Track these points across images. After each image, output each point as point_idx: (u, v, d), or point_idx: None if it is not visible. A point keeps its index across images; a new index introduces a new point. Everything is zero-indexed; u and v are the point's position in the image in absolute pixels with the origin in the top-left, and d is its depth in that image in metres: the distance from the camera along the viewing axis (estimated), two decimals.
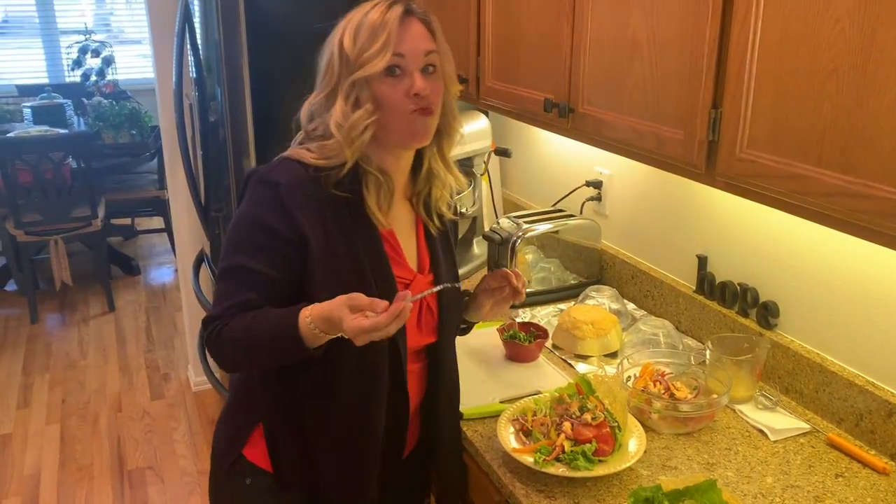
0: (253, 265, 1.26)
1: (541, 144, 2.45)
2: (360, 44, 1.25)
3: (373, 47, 1.24)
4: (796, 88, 1.11)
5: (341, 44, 1.27)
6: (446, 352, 1.46)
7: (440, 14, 2.21)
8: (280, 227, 1.25)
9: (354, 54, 1.25)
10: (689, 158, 1.33)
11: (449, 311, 1.43)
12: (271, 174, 1.28)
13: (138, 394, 3.63)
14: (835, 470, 1.39)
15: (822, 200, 1.10)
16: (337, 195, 1.28)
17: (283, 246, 1.26)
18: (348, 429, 1.35)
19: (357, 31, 1.26)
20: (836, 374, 1.50)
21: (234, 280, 1.28)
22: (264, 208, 1.27)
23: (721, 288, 1.78)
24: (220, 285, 1.30)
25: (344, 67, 1.27)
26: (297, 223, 1.25)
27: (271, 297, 1.27)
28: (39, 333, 4.23)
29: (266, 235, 1.26)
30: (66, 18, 6.09)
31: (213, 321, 1.28)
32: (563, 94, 1.65)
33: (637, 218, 2.07)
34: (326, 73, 1.30)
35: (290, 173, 1.28)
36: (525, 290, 1.46)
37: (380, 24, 1.25)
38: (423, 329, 1.40)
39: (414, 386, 1.41)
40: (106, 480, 3.01)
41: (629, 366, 1.62)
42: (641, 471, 1.39)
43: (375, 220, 1.31)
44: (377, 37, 1.25)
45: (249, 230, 1.28)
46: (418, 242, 1.43)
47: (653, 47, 1.38)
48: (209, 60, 2.61)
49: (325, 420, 1.35)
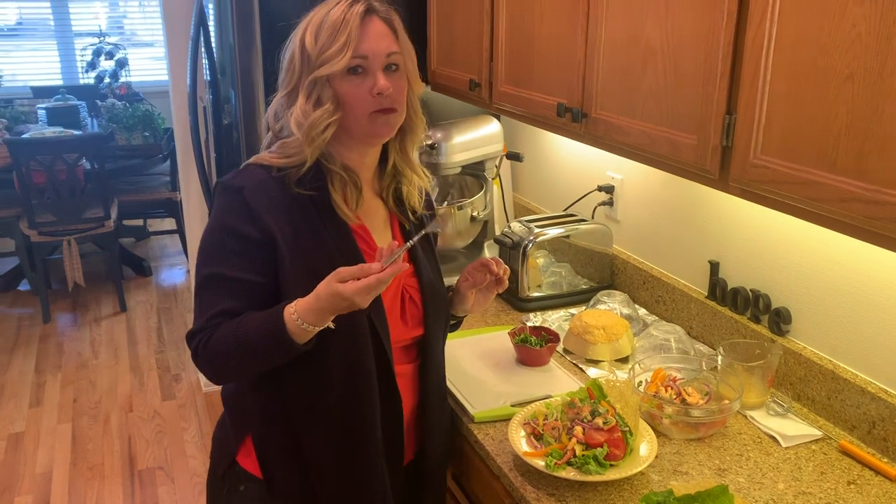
0: (228, 272, 1.26)
1: (552, 149, 2.46)
2: (322, 42, 1.25)
3: (333, 46, 1.25)
4: (811, 94, 1.11)
5: (303, 42, 1.27)
6: (435, 348, 1.45)
7: (452, 19, 2.23)
8: (248, 231, 1.25)
9: (315, 52, 1.26)
10: (702, 164, 1.33)
11: (433, 301, 1.42)
12: (235, 180, 1.29)
13: (149, 394, 3.65)
14: (847, 477, 1.39)
15: (836, 207, 1.09)
16: (302, 194, 1.28)
17: (255, 249, 1.26)
18: (343, 436, 1.33)
19: (318, 29, 1.27)
20: (848, 381, 1.50)
21: (211, 290, 1.28)
22: (231, 214, 1.27)
23: (733, 294, 1.78)
24: (199, 297, 1.29)
25: (305, 65, 1.27)
26: (264, 224, 1.25)
27: (251, 302, 1.26)
28: (52, 333, 4.26)
29: (236, 241, 1.26)
30: (80, 21, 6.14)
31: (196, 334, 1.27)
32: (577, 99, 1.65)
33: (649, 223, 2.07)
34: (288, 72, 1.31)
35: (254, 177, 1.29)
36: (507, 276, 1.47)
37: (341, 22, 1.25)
38: (409, 322, 1.39)
39: (406, 388, 1.40)
40: (117, 480, 3.03)
41: (640, 371, 1.62)
42: (652, 476, 1.39)
43: (343, 215, 1.31)
44: (338, 35, 1.25)
45: (220, 238, 1.28)
46: (394, 236, 1.43)
47: (667, 52, 1.38)
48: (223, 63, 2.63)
49: (318, 427, 1.33)
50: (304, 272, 1.26)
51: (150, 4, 6.36)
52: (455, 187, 2.42)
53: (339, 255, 1.29)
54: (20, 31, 6.09)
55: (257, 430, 1.36)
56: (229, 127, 2.63)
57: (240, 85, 2.33)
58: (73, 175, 4.19)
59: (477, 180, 2.34)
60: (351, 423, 1.33)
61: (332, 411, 1.32)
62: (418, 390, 1.44)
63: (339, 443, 1.33)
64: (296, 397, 1.32)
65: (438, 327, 1.46)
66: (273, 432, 1.35)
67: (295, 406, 1.33)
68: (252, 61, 2.31)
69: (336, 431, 1.33)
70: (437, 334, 1.45)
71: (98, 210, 4.32)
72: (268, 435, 1.36)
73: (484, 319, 2.03)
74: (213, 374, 1.32)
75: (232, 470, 1.40)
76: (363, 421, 1.33)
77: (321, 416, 1.32)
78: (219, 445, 1.45)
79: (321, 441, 1.33)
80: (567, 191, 2.36)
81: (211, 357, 1.26)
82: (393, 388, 1.36)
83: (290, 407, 1.33)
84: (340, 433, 1.33)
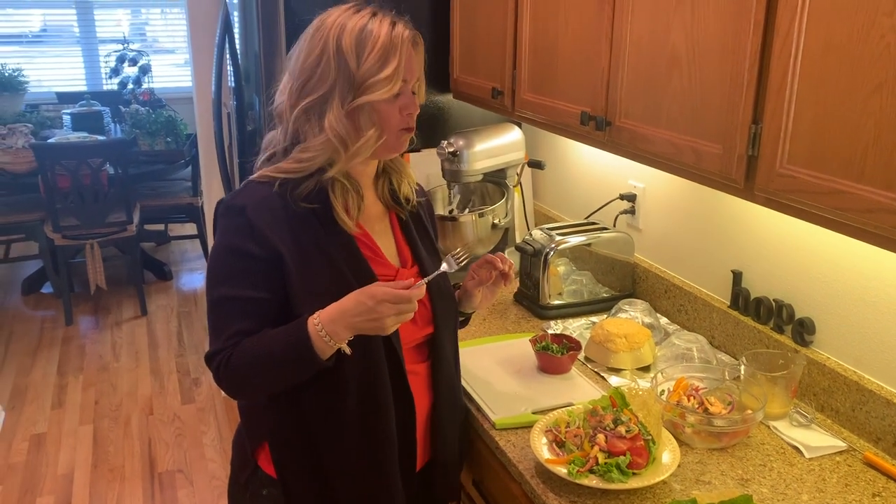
0: (237, 293, 1.27)
1: (574, 157, 2.46)
2: (369, 64, 1.25)
3: (383, 72, 1.25)
4: (839, 104, 1.10)
5: (339, 49, 1.26)
6: (445, 344, 1.46)
7: (475, 27, 2.24)
8: (253, 249, 1.26)
9: (361, 73, 1.25)
10: (727, 173, 1.33)
11: (441, 299, 1.44)
12: (236, 199, 1.30)
13: (169, 397, 3.68)
14: (872, 490, 1.38)
15: (864, 217, 1.09)
16: (304, 208, 1.29)
17: (262, 266, 1.26)
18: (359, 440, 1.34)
19: (360, 43, 1.26)
20: (873, 392, 1.49)
21: (224, 311, 1.29)
22: (235, 235, 1.28)
23: (756, 304, 1.77)
24: (212, 319, 1.31)
25: (343, 77, 1.26)
26: (268, 241, 1.26)
27: (265, 319, 1.28)
28: (74, 335, 4.31)
29: (242, 261, 1.27)
30: (103, 28, 6.23)
31: (216, 355, 1.28)
32: (601, 108, 1.66)
33: (671, 232, 2.07)
34: (317, 75, 1.27)
35: (255, 195, 1.29)
36: (513, 272, 1.50)
37: (389, 45, 1.26)
38: (419, 321, 1.40)
39: (419, 387, 1.41)
40: (137, 482, 3.05)
41: (663, 380, 1.62)
42: (675, 485, 1.39)
43: (344, 226, 1.32)
44: (388, 61, 1.25)
45: (225, 259, 1.29)
46: (395, 237, 1.44)
47: (692, 61, 1.38)
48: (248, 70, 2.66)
49: (334, 433, 1.34)
50: (312, 285, 1.28)
51: (172, 11, 6.44)
52: (477, 195, 2.43)
53: (345, 266, 1.31)
54: (45, 38, 6.18)
55: (273, 438, 1.37)
56: (253, 133, 2.66)
57: (264, 92, 2.35)
58: (97, 180, 4.24)
59: (498, 188, 2.35)
60: (367, 426, 1.34)
61: (348, 416, 1.33)
62: (431, 389, 1.45)
63: (356, 447, 1.34)
64: (311, 403, 1.33)
65: (447, 324, 1.47)
66: (289, 439, 1.36)
67: (310, 412, 1.34)
68: (277, 68, 2.33)
69: (352, 436, 1.34)
70: (446, 331, 1.46)
71: (121, 214, 4.37)
72: (284, 442, 1.36)
73: (505, 327, 2.04)
74: (235, 391, 1.34)
75: (255, 476, 1.41)
76: (378, 424, 1.34)
77: (337, 421, 1.33)
78: (239, 451, 1.46)
79: (338, 446, 1.34)
80: (588, 199, 2.36)
81: (233, 374, 1.28)
82: (406, 390, 1.37)
83: (305, 413, 1.34)
84: (357, 437, 1.34)
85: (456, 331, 1.53)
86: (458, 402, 1.55)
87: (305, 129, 1.31)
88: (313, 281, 1.28)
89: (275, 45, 2.31)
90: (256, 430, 1.40)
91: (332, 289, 1.26)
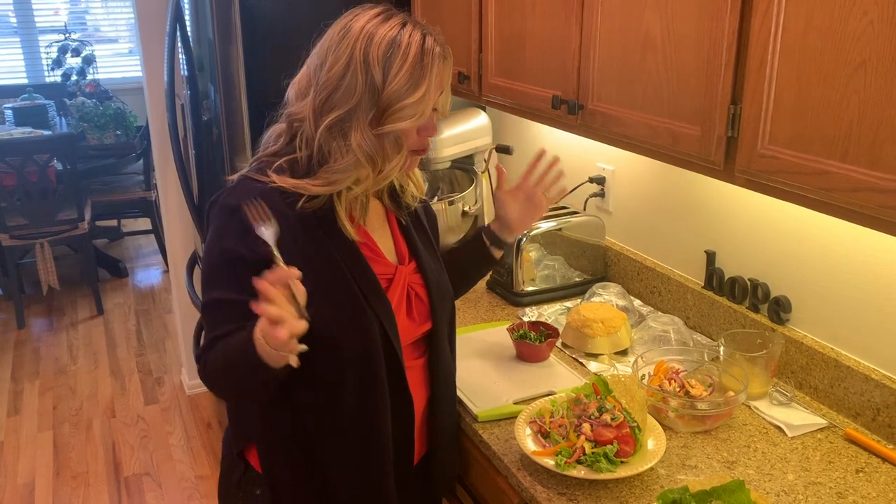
0: (229, 296, 1.23)
1: (542, 140, 2.43)
2: (398, 84, 1.18)
3: (412, 96, 1.19)
4: (821, 83, 1.09)
5: (367, 61, 1.18)
6: (443, 340, 1.43)
7: (439, 9, 2.18)
8: (244, 252, 1.21)
9: (388, 93, 1.19)
10: (706, 155, 1.31)
11: (439, 294, 1.41)
12: (230, 198, 1.24)
13: (131, 398, 3.58)
14: (855, 465, 1.38)
15: (849, 196, 1.08)
16: (306, 208, 1.24)
17: (252, 269, 1.18)
18: (355, 437, 1.31)
19: (389, 59, 1.18)
20: (851, 368, 1.50)
21: (212, 315, 1.26)
22: (227, 237, 1.23)
23: (731, 283, 1.77)
24: (204, 320, 1.29)
25: (370, 94, 1.19)
26: (260, 243, 1.19)
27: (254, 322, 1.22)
28: (27, 339, 4.16)
29: (231, 264, 1.22)
30: (41, 17, 5.99)
31: (200, 357, 1.26)
32: (572, 91, 1.63)
33: (642, 214, 2.06)
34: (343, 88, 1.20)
35: (251, 193, 1.23)
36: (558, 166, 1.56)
37: (420, 65, 1.19)
38: (417, 318, 1.38)
39: (416, 383, 1.38)
40: (102, 488, 2.96)
41: (643, 364, 1.61)
42: (660, 470, 1.38)
43: (346, 232, 1.27)
44: (418, 84, 1.19)
45: (217, 262, 1.26)
46: (393, 234, 1.41)
47: (668, 42, 1.36)
48: (202, 59, 2.56)
49: (330, 429, 1.31)
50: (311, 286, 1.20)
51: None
52: (445, 182, 2.39)
53: (346, 266, 1.27)
54: None
55: (268, 435, 1.34)
56: (209, 123, 2.57)
57: (220, 80, 2.27)
58: (45, 176, 4.08)
59: (467, 174, 2.31)
60: (364, 424, 1.31)
61: (345, 413, 1.30)
62: (428, 384, 1.43)
63: (353, 444, 1.32)
64: (307, 401, 1.30)
65: (444, 319, 1.44)
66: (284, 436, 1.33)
67: (306, 410, 1.31)
68: (232, 55, 2.25)
69: (349, 433, 1.31)
70: (443, 326, 1.44)
71: (71, 212, 4.22)
72: (279, 439, 1.33)
73: (479, 316, 2.01)
74: (218, 393, 1.32)
75: (247, 475, 1.38)
76: (375, 421, 1.32)
77: (334, 419, 1.30)
78: (230, 451, 1.42)
79: (334, 443, 1.32)
80: None
81: (209, 376, 1.26)
82: (404, 388, 1.34)
83: (300, 410, 1.31)
84: (354, 434, 1.31)
85: (454, 325, 1.50)
86: (455, 398, 1.53)
87: (332, 146, 1.23)
88: (312, 282, 1.22)
89: (230, 30, 2.23)
90: (250, 428, 1.37)
91: (331, 288, 1.24)
